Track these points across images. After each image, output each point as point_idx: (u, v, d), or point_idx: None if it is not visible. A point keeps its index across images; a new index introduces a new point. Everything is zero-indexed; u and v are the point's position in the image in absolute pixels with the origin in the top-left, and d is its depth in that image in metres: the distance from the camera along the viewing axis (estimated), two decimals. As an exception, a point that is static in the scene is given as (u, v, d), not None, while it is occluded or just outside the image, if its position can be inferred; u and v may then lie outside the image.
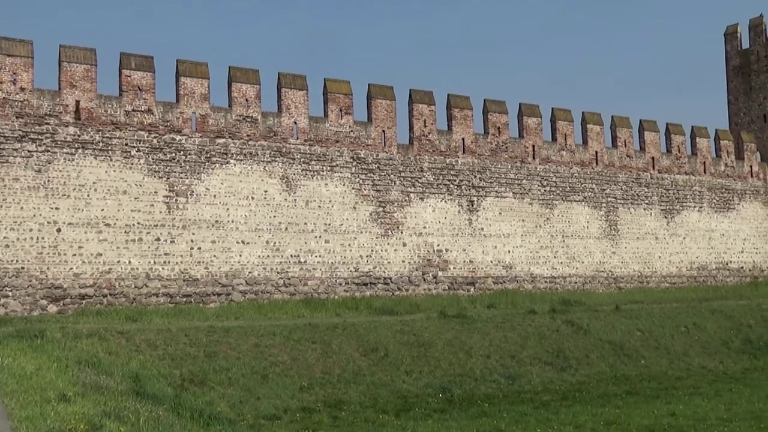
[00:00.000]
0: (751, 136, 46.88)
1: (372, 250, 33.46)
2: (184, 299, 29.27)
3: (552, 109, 39.60)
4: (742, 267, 44.96)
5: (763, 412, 19.33)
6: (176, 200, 29.68)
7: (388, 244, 33.88)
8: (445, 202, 35.50)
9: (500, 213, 36.89)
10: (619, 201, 40.78)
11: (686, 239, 42.97)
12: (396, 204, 34.26)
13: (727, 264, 44.39)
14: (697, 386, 24.67)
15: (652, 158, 42.37)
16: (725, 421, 18.37)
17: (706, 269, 43.53)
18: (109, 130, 28.85)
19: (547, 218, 38.30)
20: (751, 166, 46.26)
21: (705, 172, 44.29)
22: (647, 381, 25.66)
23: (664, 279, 41.77)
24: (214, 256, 30.16)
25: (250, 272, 30.76)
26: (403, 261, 34.12)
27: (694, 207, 43.56)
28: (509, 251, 36.92)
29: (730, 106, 49.40)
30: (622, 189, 40.99)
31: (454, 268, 35.32)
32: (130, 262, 28.66)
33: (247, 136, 31.34)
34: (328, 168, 32.94)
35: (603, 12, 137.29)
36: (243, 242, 30.76)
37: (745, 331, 31.88)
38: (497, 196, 36.91)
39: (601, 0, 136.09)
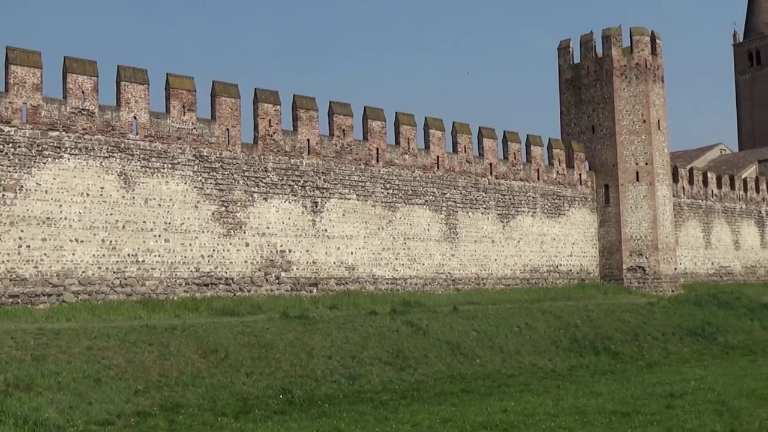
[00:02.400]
0: (581, 145, 49.54)
1: (214, 250, 32.87)
2: (11, 300, 27.64)
3: (396, 113, 40.33)
4: (571, 270, 47.42)
5: (587, 407, 20.45)
6: (3, 195, 27.99)
7: (230, 244, 33.38)
8: (289, 202, 35.39)
9: (344, 214, 37.17)
10: (458, 205, 42.03)
11: (520, 243, 44.86)
12: (239, 204, 33.82)
13: (557, 267, 46.69)
14: (528, 383, 25.79)
15: (490, 164, 43.95)
16: (552, 416, 19.31)
17: (538, 272, 45.61)
18: (-72, 119, 26.84)
19: (390, 220, 38.93)
20: (580, 175, 48.87)
21: (538, 179, 46.40)
22: (482, 379, 26.57)
23: (499, 281, 43.41)
24: (45, 254, 28.67)
25: (83, 272, 29.46)
26: (245, 261, 33.72)
27: (528, 212, 45.55)
28: (352, 253, 37.26)
29: (562, 117, 51.95)
30: (461, 193, 42.27)
31: (297, 269, 35.26)
32: (-51, 260, 26.78)
33: (83, 129, 30.02)
34: (169, 165, 32.07)
35: (446, 22, 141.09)
36: (76, 240, 29.41)
37: (573, 331, 33.62)
38: (341, 198, 37.17)
39: (444, 10, 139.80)
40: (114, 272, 30.17)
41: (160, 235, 31.45)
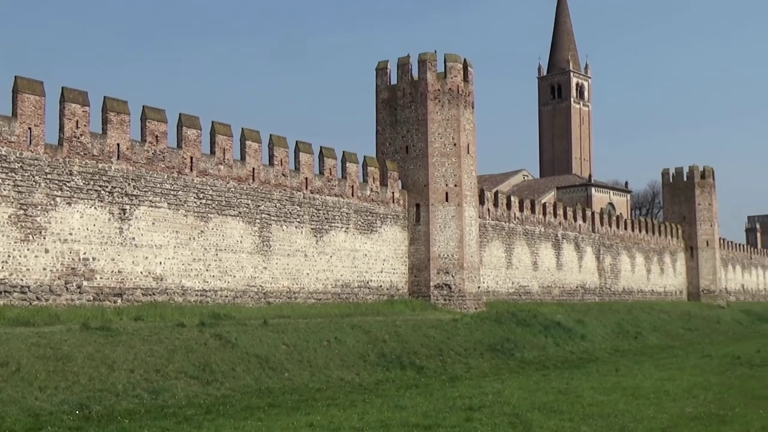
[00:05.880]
0: (395, 164, 50.78)
1: (9, 256, 30.79)
2: None
3: (212, 122, 39.61)
4: (381, 286, 48.37)
5: (391, 421, 20.91)
6: None
7: (28, 249, 31.41)
8: (95, 208, 33.82)
9: (153, 223, 35.98)
10: (272, 218, 41.83)
11: (333, 258, 45.25)
12: (40, 207, 31.92)
13: (368, 282, 47.46)
14: (335, 397, 26.02)
15: (306, 179, 44.12)
16: (357, 430, 19.61)
17: (350, 287, 46.15)
18: None
19: (202, 231, 38.11)
20: (393, 193, 50.05)
21: (353, 195, 47.08)
22: (290, 393, 26.52)
23: (311, 295, 43.52)
24: None
25: None
26: (44, 269, 31.83)
27: (342, 227, 46.06)
28: (161, 263, 36.12)
29: (378, 135, 53.01)
30: (276, 206, 42.11)
31: (101, 278, 33.70)
32: None
33: None
34: (-38, 163, 29.79)
35: (273, 36, 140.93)
36: None
37: (380, 346, 34.31)
38: (151, 206, 35.97)
39: (275, 28, 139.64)
40: None
41: (-53, 238, 29.10)
